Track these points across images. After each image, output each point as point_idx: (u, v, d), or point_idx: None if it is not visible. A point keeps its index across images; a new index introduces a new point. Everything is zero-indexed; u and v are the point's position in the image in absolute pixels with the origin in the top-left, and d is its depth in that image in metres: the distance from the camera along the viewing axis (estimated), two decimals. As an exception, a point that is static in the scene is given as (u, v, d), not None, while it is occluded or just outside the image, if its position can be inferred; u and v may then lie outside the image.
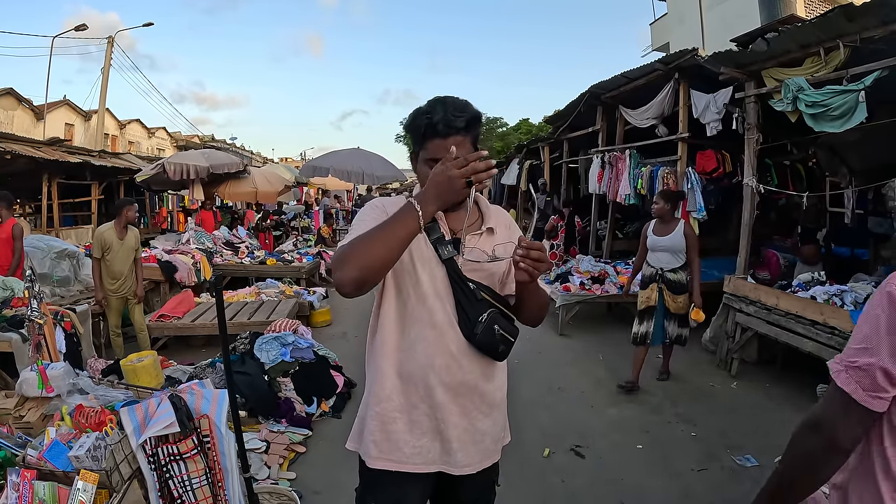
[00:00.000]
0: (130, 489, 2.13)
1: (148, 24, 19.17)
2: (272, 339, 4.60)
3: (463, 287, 1.51)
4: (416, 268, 1.51)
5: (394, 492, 1.59)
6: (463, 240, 1.50)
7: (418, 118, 1.50)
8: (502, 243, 1.53)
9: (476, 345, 1.51)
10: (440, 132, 1.46)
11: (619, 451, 3.75)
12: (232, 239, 9.99)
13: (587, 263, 7.63)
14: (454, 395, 1.53)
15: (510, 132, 29.63)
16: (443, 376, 1.51)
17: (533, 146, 12.26)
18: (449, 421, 1.54)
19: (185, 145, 25.43)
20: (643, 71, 6.91)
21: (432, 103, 1.49)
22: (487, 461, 1.64)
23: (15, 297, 4.62)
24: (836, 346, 4.04)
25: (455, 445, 1.55)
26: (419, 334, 1.52)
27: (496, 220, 1.63)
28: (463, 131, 1.47)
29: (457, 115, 1.46)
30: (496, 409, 1.65)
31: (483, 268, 1.54)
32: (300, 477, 3.34)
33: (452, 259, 1.51)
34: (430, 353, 1.51)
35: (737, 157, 6.51)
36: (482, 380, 1.57)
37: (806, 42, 4.54)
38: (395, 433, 1.55)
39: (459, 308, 1.51)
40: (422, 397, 1.53)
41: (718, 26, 16.11)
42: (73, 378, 2.92)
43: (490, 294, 1.54)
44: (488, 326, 1.49)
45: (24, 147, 8.94)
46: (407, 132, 1.58)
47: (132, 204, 5.24)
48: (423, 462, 1.56)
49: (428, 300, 1.51)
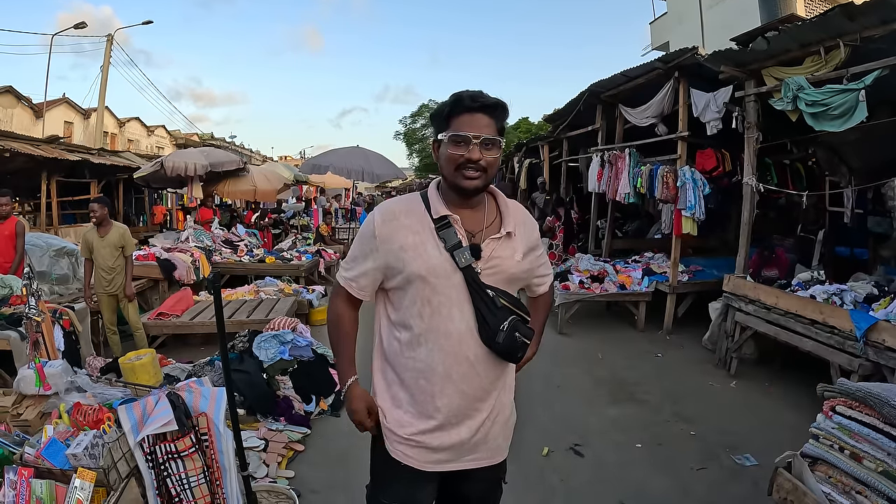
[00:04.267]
0: (128, 487, 2.13)
1: (147, 22, 19.15)
2: (271, 338, 4.59)
3: (482, 295, 1.49)
4: (429, 279, 1.48)
5: (406, 488, 1.60)
6: (481, 246, 1.50)
7: (443, 104, 1.52)
8: (521, 251, 1.57)
9: (497, 351, 1.50)
10: (467, 106, 1.46)
11: (619, 450, 3.75)
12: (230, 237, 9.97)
13: (586, 262, 7.63)
14: (472, 400, 1.53)
15: (510, 131, 29.60)
16: (460, 385, 1.51)
17: (532, 145, 12.24)
18: (464, 425, 1.54)
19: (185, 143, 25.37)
20: (643, 70, 6.90)
21: (458, 93, 1.52)
22: (498, 457, 1.66)
23: (14, 295, 4.61)
24: (836, 344, 4.04)
25: (468, 446, 1.56)
26: (436, 344, 1.49)
27: (515, 220, 1.60)
28: (490, 111, 1.47)
29: (483, 95, 1.49)
30: (508, 408, 1.66)
31: (502, 272, 1.53)
32: (298, 475, 3.33)
33: (470, 266, 1.48)
34: (448, 364, 1.49)
35: (736, 156, 6.49)
36: (497, 384, 1.58)
37: (806, 41, 4.53)
38: (409, 439, 1.55)
39: (479, 315, 1.49)
40: (438, 407, 1.52)
41: (718, 25, 16.08)
42: (70, 376, 2.91)
43: (509, 300, 1.52)
44: (510, 334, 1.48)
45: (23, 145, 8.91)
46: (431, 121, 1.58)
47: (92, 202, 5.21)
48: (436, 463, 1.56)
49: (444, 309, 1.49)
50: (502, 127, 1.52)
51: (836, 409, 2.28)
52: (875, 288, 4.51)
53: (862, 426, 2.15)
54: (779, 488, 2.30)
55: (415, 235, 1.50)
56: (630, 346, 6.22)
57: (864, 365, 3.78)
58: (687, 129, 6.45)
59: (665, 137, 6.92)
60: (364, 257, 1.55)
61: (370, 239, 1.53)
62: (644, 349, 6.08)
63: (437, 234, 1.49)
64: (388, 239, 1.51)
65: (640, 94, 7.23)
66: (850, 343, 3.92)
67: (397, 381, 1.57)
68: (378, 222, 1.54)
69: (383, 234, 1.51)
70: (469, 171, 1.46)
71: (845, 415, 2.23)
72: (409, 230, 1.51)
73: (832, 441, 2.25)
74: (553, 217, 9.00)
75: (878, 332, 3.74)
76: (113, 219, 5.29)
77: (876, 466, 2.05)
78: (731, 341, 5.32)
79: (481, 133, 1.44)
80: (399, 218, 1.53)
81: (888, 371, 3.65)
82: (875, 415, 2.12)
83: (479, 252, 1.48)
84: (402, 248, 1.49)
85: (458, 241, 1.48)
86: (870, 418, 2.13)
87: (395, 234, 1.51)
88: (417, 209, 1.55)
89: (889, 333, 3.67)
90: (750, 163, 5.45)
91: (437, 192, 1.57)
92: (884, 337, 3.69)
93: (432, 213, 1.52)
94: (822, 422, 2.34)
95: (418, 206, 1.55)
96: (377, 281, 1.57)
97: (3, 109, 18.34)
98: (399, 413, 1.56)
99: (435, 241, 1.48)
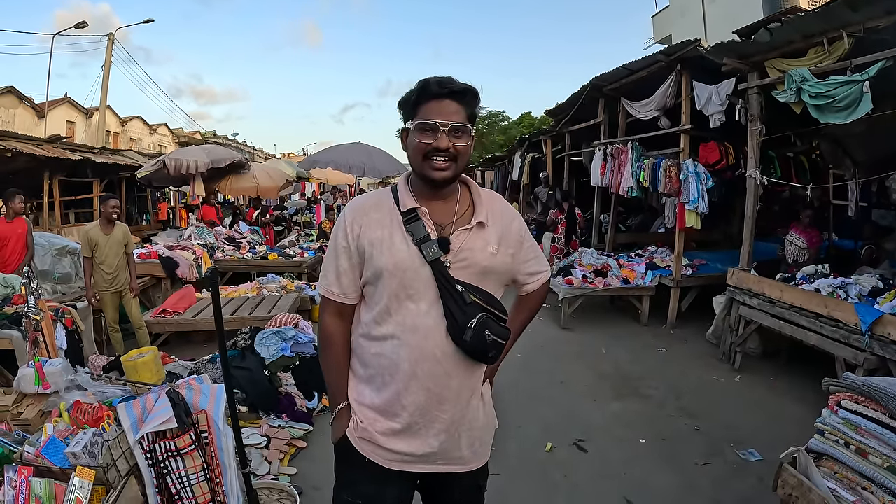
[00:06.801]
0: (127, 485, 2.12)
1: (148, 21, 19.15)
2: (273, 334, 4.59)
3: (450, 290, 1.42)
4: (396, 273, 1.42)
5: (372, 485, 1.53)
6: (450, 239, 1.44)
7: (411, 91, 1.45)
8: (495, 242, 1.49)
9: (465, 350, 1.43)
10: (434, 92, 1.40)
11: (622, 445, 3.74)
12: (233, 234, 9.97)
13: (590, 256, 7.61)
14: (439, 400, 1.46)
15: (512, 126, 29.56)
16: (426, 383, 1.44)
17: (535, 139, 12.20)
18: (431, 427, 1.48)
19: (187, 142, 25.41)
20: (645, 63, 6.85)
21: (425, 79, 1.46)
22: (473, 464, 1.58)
23: (16, 294, 4.62)
24: (841, 338, 4.01)
25: (438, 449, 1.49)
26: (402, 340, 1.44)
27: (489, 210, 1.52)
28: (458, 98, 1.41)
29: (452, 80, 1.42)
30: (482, 411, 1.59)
31: (473, 265, 1.46)
32: (301, 472, 3.33)
33: (439, 260, 1.42)
34: (414, 359, 1.43)
35: (740, 148, 6.46)
36: (468, 383, 1.51)
37: (809, 32, 4.49)
38: (375, 435, 1.50)
39: (447, 311, 1.42)
40: (404, 405, 1.46)
41: (720, 18, 15.97)
42: (70, 374, 2.91)
43: (480, 296, 1.44)
44: (478, 332, 1.40)
45: (25, 145, 8.91)
46: (399, 108, 1.50)
47: (107, 200, 5.22)
48: (402, 462, 1.51)
49: (411, 304, 1.43)
50: (473, 114, 1.45)
51: (841, 403, 2.26)
52: (880, 281, 4.48)
53: (868, 421, 2.12)
54: (784, 484, 2.28)
55: (383, 230, 1.46)
56: (634, 340, 6.19)
57: (870, 359, 3.75)
58: (690, 122, 6.41)
59: (668, 131, 6.88)
60: (337, 256, 1.51)
61: (342, 237, 1.50)
62: (648, 344, 6.06)
63: (405, 228, 1.44)
64: (358, 235, 1.47)
65: (643, 87, 7.19)
66: (855, 337, 3.89)
67: (365, 376, 1.53)
68: (348, 219, 1.50)
69: (354, 231, 1.48)
70: (437, 160, 1.40)
71: (851, 409, 2.20)
72: (378, 225, 1.47)
73: (837, 436, 2.23)
74: (556, 210, 8.98)
75: (884, 325, 3.71)
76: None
77: (882, 462, 2.02)
78: (736, 335, 5.30)
79: (449, 120, 1.38)
80: (369, 213, 1.49)
81: (893, 365, 3.62)
82: (881, 410, 2.09)
83: (447, 245, 1.42)
84: (371, 242, 1.45)
85: (426, 234, 1.43)
86: (876, 413, 2.10)
87: (364, 230, 1.47)
88: (387, 203, 1.51)
89: (894, 327, 3.64)
90: (753, 156, 5.42)
91: (406, 184, 1.52)
92: (889, 331, 3.66)
93: (400, 207, 1.47)
94: (827, 417, 2.31)
95: (388, 200, 1.51)
96: (357, 280, 1.52)
97: (6, 110, 18.38)
98: (365, 409, 1.52)
99: (403, 234, 1.44)
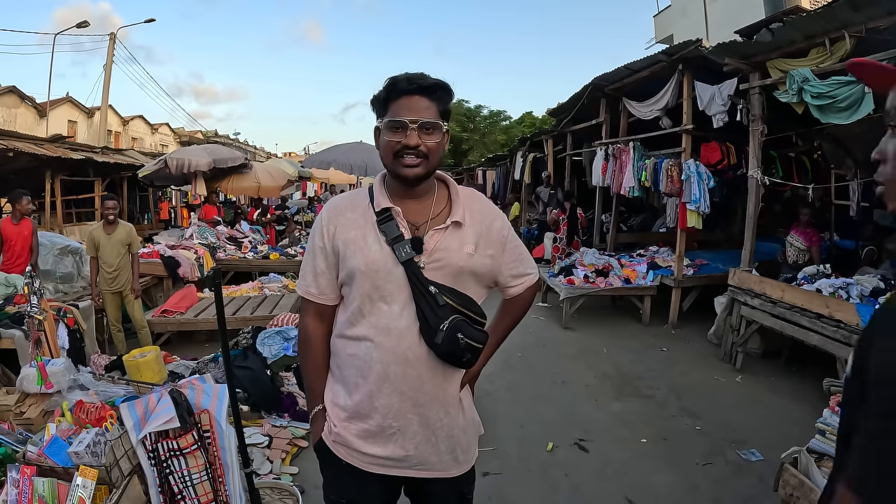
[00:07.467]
0: (130, 485, 2.12)
1: (149, 20, 19.18)
2: (274, 334, 4.60)
3: (423, 291, 1.38)
4: (369, 274, 1.40)
5: (353, 485, 1.52)
6: (424, 239, 1.41)
7: (381, 88, 1.43)
8: (472, 242, 1.45)
9: (438, 353, 1.39)
10: (404, 89, 1.38)
11: (624, 445, 3.74)
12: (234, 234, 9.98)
13: (591, 256, 7.61)
14: (412, 404, 1.43)
15: (513, 125, 29.58)
16: (398, 385, 1.42)
17: (536, 139, 12.19)
18: (407, 430, 1.45)
19: (189, 141, 25.41)
20: (646, 62, 6.85)
21: (395, 75, 1.43)
22: (453, 471, 1.54)
23: (18, 294, 4.63)
24: (842, 339, 4.01)
25: (414, 453, 1.47)
26: (375, 341, 1.41)
27: (467, 209, 1.49)
28: (429, 94, 1.39)
29: (422, 76, 1.40)
30: (460, 416, 1.55)
31: (448, 266, 1.43)
32: (302, 471, 3.34)
33: (412, 260, 1.39)
34: (386, 361, 1.41)
35: (741, 149, 6.45)
36: (443, 387, 1.48)
37: (811, 32, 4.49)
38: (349, 439, 1.48)
39: (420, 313, 1.39)
40: (375, 407, 1.44)
41: (722, 18, 15.95)
42: (73, 374, 2.92)
43: (454, 297, 1.41)
44: (450, 335, 1.37)
45: (27, 144, 8.92)
46: (371, 106, 1.47)
47: (104, 200, 5.25)
48: (378, 465, 1.48)
49: (384, 305, 1.41)
50: (446, 110, 1.42)
51: (842, 404, 2.26)
52: (881, 282, 4.47)
53: (869, 421, 2.12)
54: (785, 484, 2.28)
55: (357, 230, 1.45)
56: (635, 340, 6.20)
57: (871, 359, 3.74)
58: (691, 122, 6.41)
59: (669, 131, 6.88)
60: (315, 257, 1.51)
61: (319, 237, 1.49)
62: (649, 343, 6.06)
63: (378, 228, 1.43)
64: (333, 235, 1.47)
65: (645, 87, 7.19)
66: (856, 337, 3.89)
67: (340, 377, 1.51)
68: (325, 219, 1.50)
69: (329, 231, 1.47)
70: (408, 158, 1.38)
71: (852, 410, 2.20)
72: (353, 225, 1.46)
73: (838, 436, 2.23)
74: (557, 210, 8.97)
75: (885, 325, 3.70)
76: (118, 217, 5.33)
77: (883, 462, 2.02)
78: (737, 335, 5.30)
79: (419, 117, 1.36)
80: (344, 213, 1.49)
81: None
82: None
83: (420, 245, 1.40)
84: (345, 243, 1.44)
85: (399, 233, 1.41)
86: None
87: (339, 230, 1.46)
88: (362, 203, 1.49)
89: None
90: (755, 156, 5.42)
91: (381, 184, 1.51)
92: (891, 330, 3.65)
93: (375, 206, 1.46)
94: (828, 417, 2.31)
95: (363, 200, 1.50)
96: (334, 281, 1.51)
97: (7, 109, 18.41)
98: (338, 410, 1.51)
99: (376, 234, 1.42)
